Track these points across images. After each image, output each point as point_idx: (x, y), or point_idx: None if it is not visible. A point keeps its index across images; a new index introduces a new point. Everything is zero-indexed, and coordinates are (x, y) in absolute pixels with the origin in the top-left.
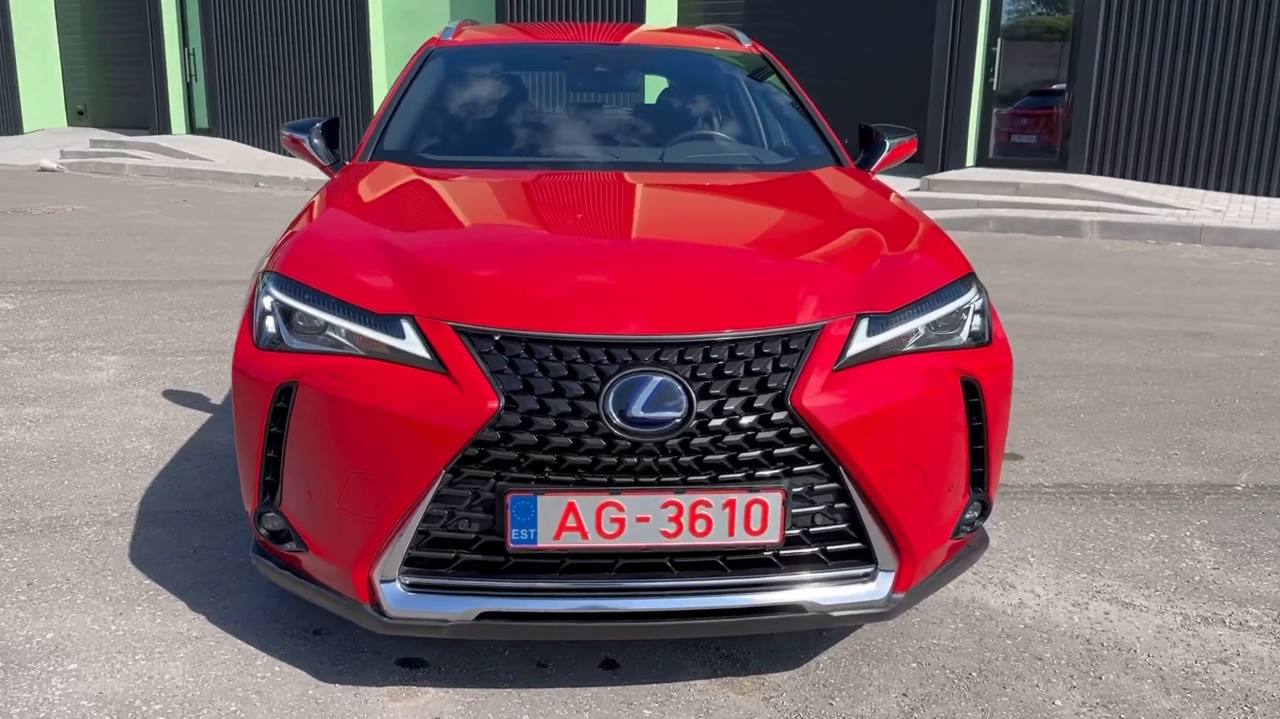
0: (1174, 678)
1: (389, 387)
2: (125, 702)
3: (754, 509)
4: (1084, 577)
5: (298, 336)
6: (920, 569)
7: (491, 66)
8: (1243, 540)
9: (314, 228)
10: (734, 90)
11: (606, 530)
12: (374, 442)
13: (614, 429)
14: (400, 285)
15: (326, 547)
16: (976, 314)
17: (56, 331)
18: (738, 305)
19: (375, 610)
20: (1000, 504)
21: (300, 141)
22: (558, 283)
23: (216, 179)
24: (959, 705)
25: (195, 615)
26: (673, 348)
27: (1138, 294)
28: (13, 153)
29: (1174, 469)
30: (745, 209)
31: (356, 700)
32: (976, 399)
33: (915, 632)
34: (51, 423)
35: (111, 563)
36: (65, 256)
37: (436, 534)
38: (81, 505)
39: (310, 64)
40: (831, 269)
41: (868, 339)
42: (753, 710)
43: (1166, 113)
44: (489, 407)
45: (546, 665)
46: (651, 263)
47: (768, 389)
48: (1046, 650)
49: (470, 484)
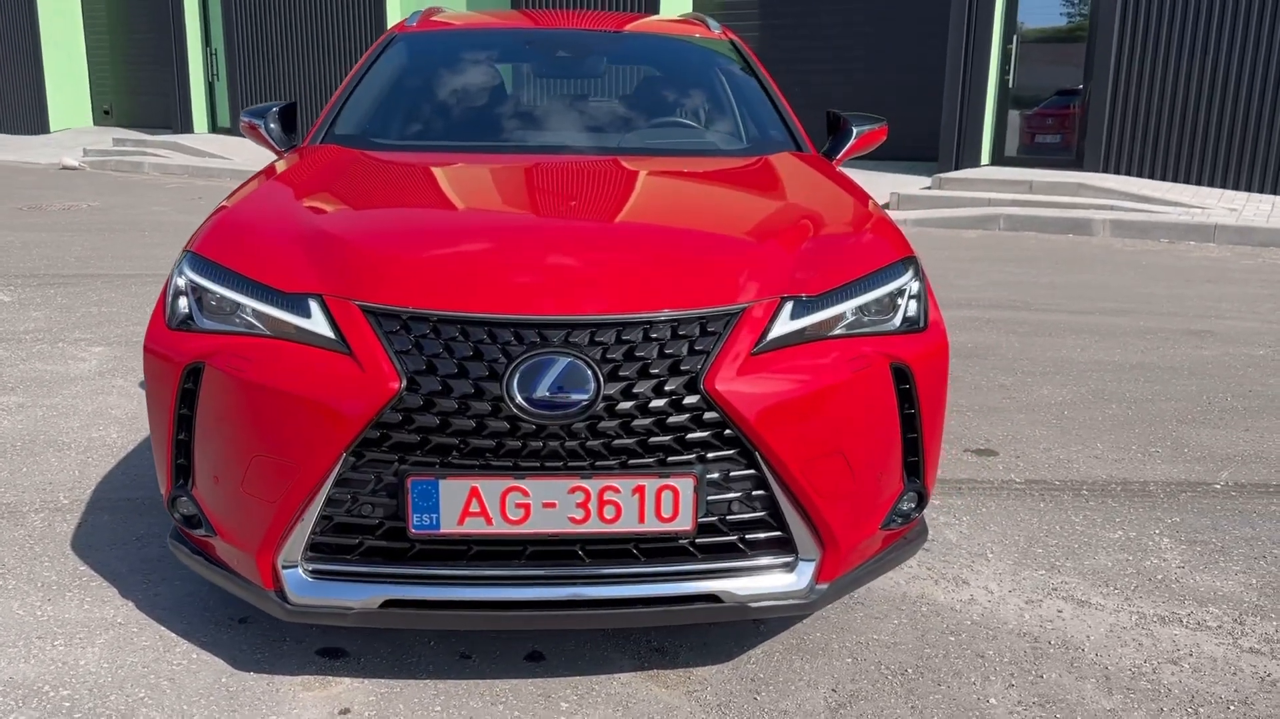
0: (1119, 678)
1: (292, 367)
2: (34, 687)
3: (664, 495)
4: (1041, 574)
5: (210, 317)
6: (846, 560)
7: (452, 52)
8: (1213, 539)
9: (236, 208)
10: (700, 76)
11: (511, 516)
12: (276, 423)
13: (518, 411)
14: (311, 265)
15: (233, 532)
16: (912, 299)
17: (48, 324)
18: (654, 287)
19: (279, 597)
20: (966, 500)
21: (256, 127)
22: (469, 262)
23: (234, 177)
24: (888, 702)
25: (124, 602)
26: (583, 329)
27: (1143, 292)
28: (37, 151)
29: (1153, 467)
30: (683, 192)
31: (268, 689)
32: (908, 386)
33: (856, 627)
34: (23, 411)
35: (51, 549)
36: (71, 251)
37: (340, 519)
38: (34, 493)
39: (329, 63)
40: (756, 251)
41: (791, 322)
42: (674, 704)
43: (1184, 111)
44: (390, 387)
45: (470, 657)
46: (570, 244)
47: (680, 372)
48: (990, 648)
49: (373, 468)
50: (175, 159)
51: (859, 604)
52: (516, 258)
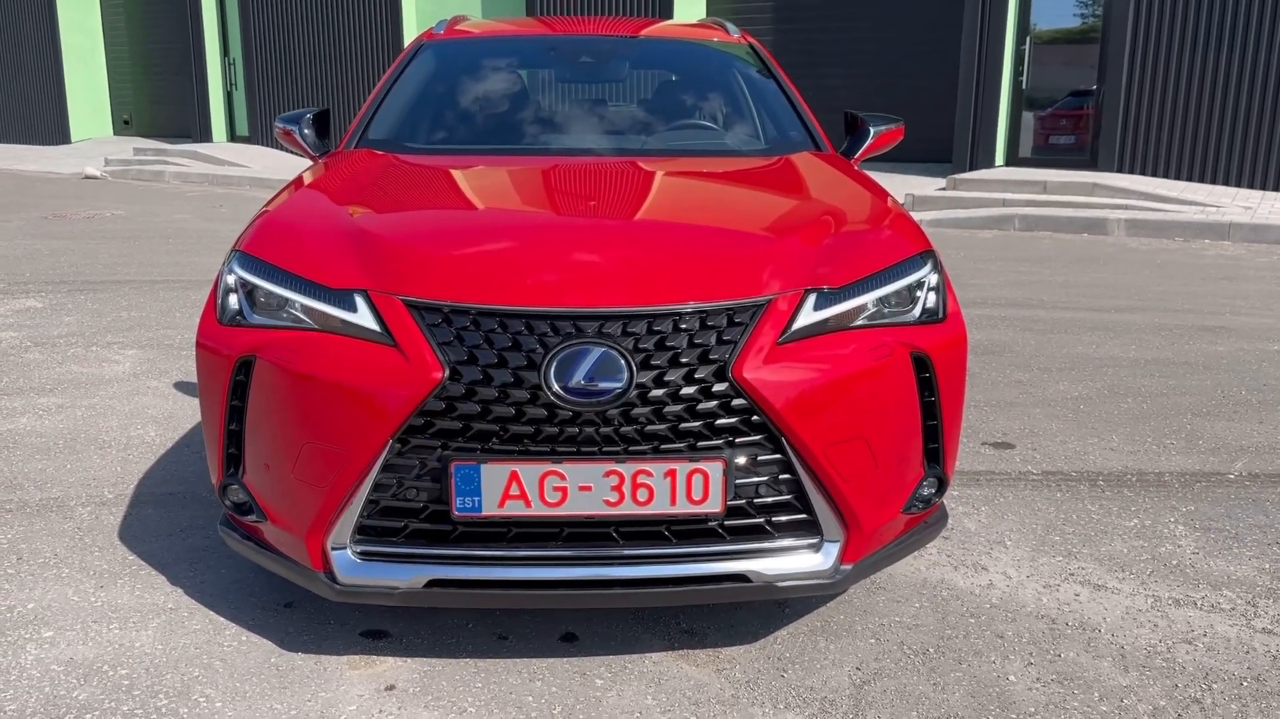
0: (1135, 656)
1: (339, 359)
2: (94, 666)
3: (695, 479)
4: (1059, 560)
5: (260, 313)
6: (869, 542)
7: (479, 59)
8: (1227, 526)
9: (282, 209)
10: (721, 80)
11: (549, 499)
12: (325, 412)
13: (555, 399)
14: (356, 261)
15: (284, 516)
16: (931, 291)
17: (80, 328)
18: (684, 280)
19: (328, 578)
20: (984, 491)
21: (291, 133)
22: (506, 258)
23: (253, 185)
24: (910, 679)
25: (173, 589)
26: (616, 320)
27: (1158, 290)
28: (60, 161)
29: (1168, 458)
30: (707, 191)
31: (316, 668)
32: (928, 375)
33: (879, 609)
34: (63, 412)
35: (100, 540)
36: (98, 258)
37: (386, 503)
38: (79, 488)
39: (346, 72)
40: (781, 245)
41: (815, 313)
42: (704, 681)
43: (1198, 110)
44: (433, 377)
45: (507, 638)
46: (602, 240)
47: (710, 361)
48: (1009, 629)
49: (417, 454)
50: (195, 168)
51: (881, 589)
52: (552, 253)
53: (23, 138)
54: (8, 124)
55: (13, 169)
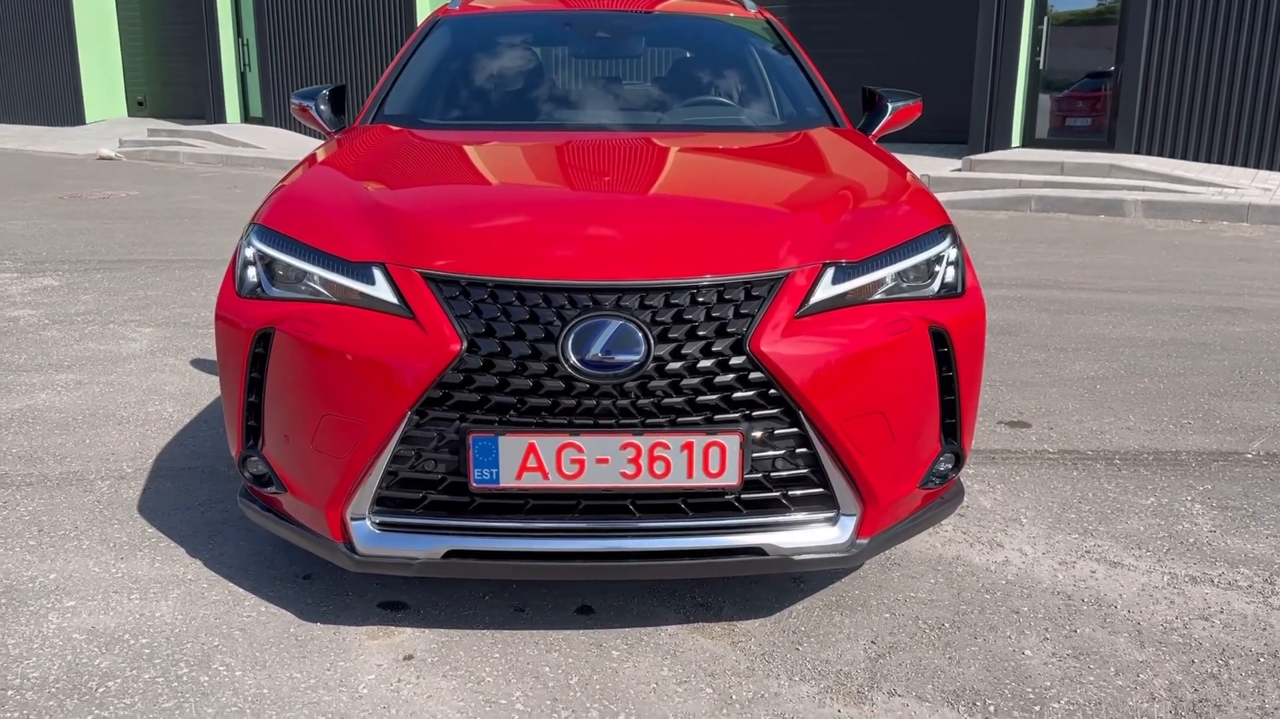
0: (1151, 632)
1: (358, 331)
2: (115, 635)
3: (712, 451)
4: (1075, 537)
5: (278, 285)
6: (885, 516)
7: (494, 34)
8: (1245, 505)
9: (299, 182)
10: (738, 55)
11: (566, 471)
12: (344, 384)
13: (572, 371)
14: (374, 235)
15: (303, 487)
16: (950, 265)
17: (97, 306)
18: (702, 253)
19: (347, 548)
20: (999, 469)
21: (307, 109)
22: (524, 231)
23: (267, 166)
24: (926, 653)
25: (192, 561)
26: (633, 293)
27: (1175, 271)
28: (74, 142)
29: (1185, 437)
30: (726, 165)
31: (335, 638)
32: (946, 350)
33: (893, 585)
34: (81, 388)
35: (119, 513)
36: (114, 238)
37: (405, 474)
38: (98, 462)
39: (360, 52)
40: (800, 219)
41: (833, 287)
42: (719, 653)
43: (1217, 91)
44: (451, 349)
45: (523, 610)
46: (619, 214)
47: (727, 334)
48: (1024, 605)
49: (435, 425)
50: (209, 149)
51: (896, 565)
52: (569, 227)
53: (38, 119)
54: (23, 105)
55: (28, 150)
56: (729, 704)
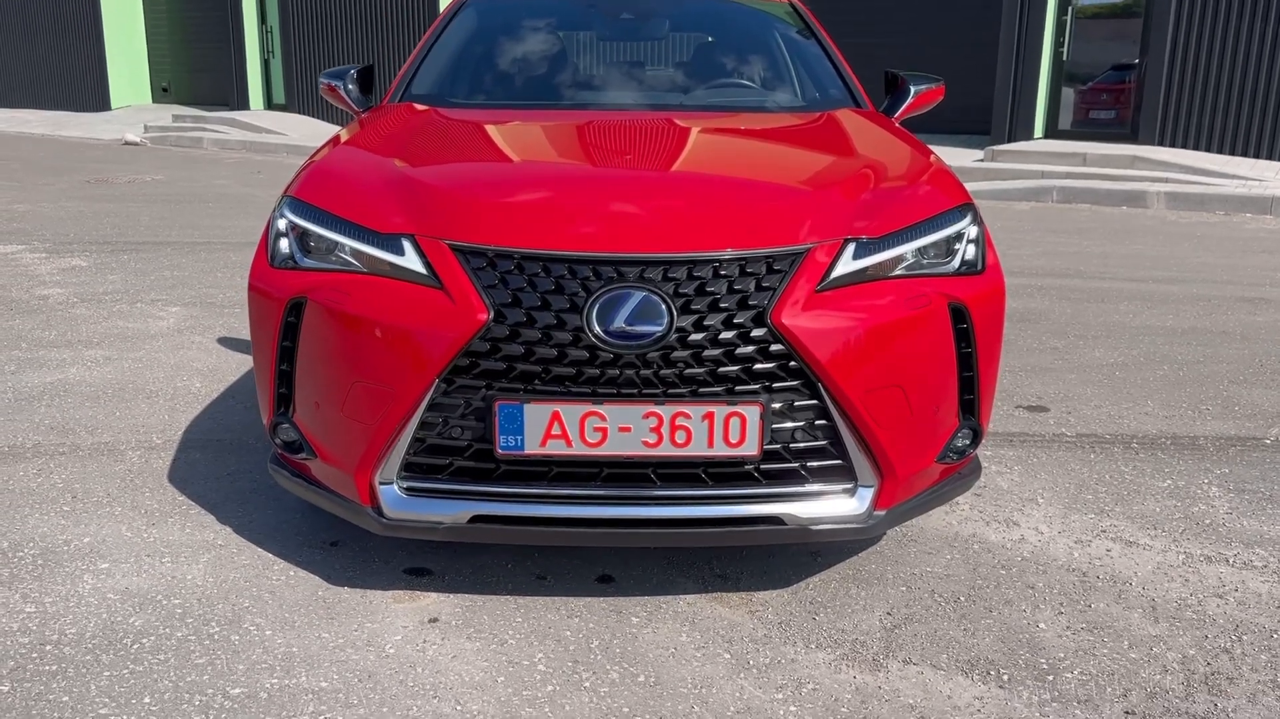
0: (1165, 608)
1: (389, 300)
2: (148, 596)
3: (732, 422)
4: (1091, 517)
5: (310, 256)
6: (903, 488)
7: (520, 16)
8: (1262, 488)
9: (330, 157)
10: (761, 38)
11: (590, 439)
12: (373, 352)
13: (596, 341)
14: (403, 207)
15: (333, 453)
16: (970, 243)
17: (125, 286)
18: (725, 227)
19: (375, 512)
20: (1017, 451)
21: (335, 88)
22: (550, 205)
23: (290, 152)
24: (941, 625)
25: (221, 527)
26: (657, 265)
27: (1197, 262)
28: (100, 128)
29: (1203, 423)
30: (749, 144)
31: (362, 601)
32: (965, 326)
33: (910, 560)
34: (111, 363)
35: (150, 482)
36: (140, 221)
37: (432, 441)
38: (129, 434)
39: (382, 39)
40: (821, 195)
41: (854, 262)
42: (737, 622)
43: (1241, 83)
44: (479, 318)
45: (545, 578)
46: (643, 189)
47: (748, 307)
48: (1040, 581)
49: (462, 393)
50: (233, 134)
51: (912, 541)
52: (594, 201)
53: (64, 104)
54: (50, 90)
55: (55, 135)
56: (746, 669)
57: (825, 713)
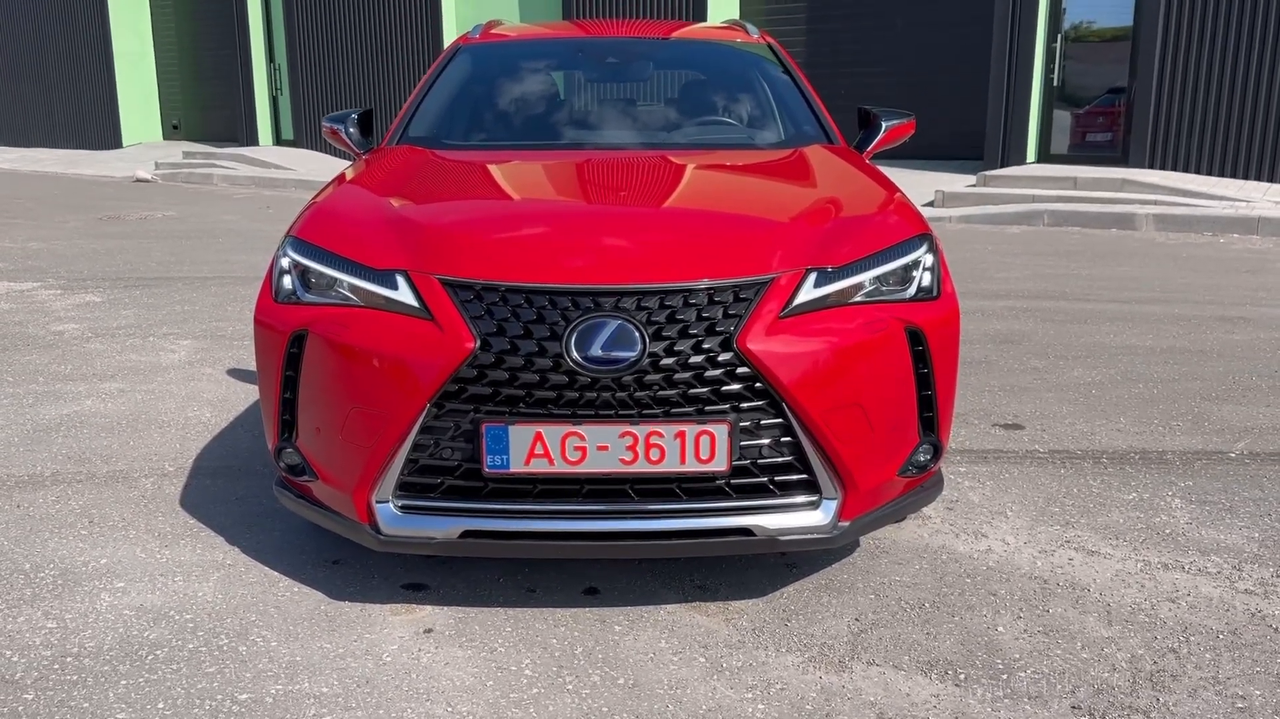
0: (1119, 613)
1: (383, 332)
2: (161, 611)
3: (703, 439)
4: (1056, 529)
5: (311, 291)
6: (865, 500)
7: (512, 61)
8: (1223, 500)
9: (330, 198)
10: (738, 78)
11: (570, 458)
12: (370, 380)
13: (575, 367)
14: (397, 245)
15: (333, 474)
16: (926, 270)
17: (137, 321)
18: (693, 260)
19: (373, 530)
20: (990, 467)
21: (337, 131)
22: (532, 241)
23: (299, 187)
24: (905, 629)
25: (230, 548)
26: (631, 296)
27: (1180, 282)
28: (112, 165)
29: (1172, 438)
30: (720, 180)
31: (362, 614)
32: (922, 348)
33: (880, 570)
34: (124, 395)
35: (163, 506)
36: (152, 256)
37: (424, 462)
38: (142, 462)
39: (388, 77)
40: (784, 228)
41: (815, 290)
42: (713, 629)
43: (1229, 105)
44: (466, 347)
45: (534, 590)
46: (619, 225)
47: (716, 333)
48: (1002, 588)
49: (452, 417)
50: (242, 170)
51: (883, 552)
52: (574, 237)
53: (77, 143)
54: (63, 129)
55: (69, 173)
56: (719, 672)
57: (791, 710)
